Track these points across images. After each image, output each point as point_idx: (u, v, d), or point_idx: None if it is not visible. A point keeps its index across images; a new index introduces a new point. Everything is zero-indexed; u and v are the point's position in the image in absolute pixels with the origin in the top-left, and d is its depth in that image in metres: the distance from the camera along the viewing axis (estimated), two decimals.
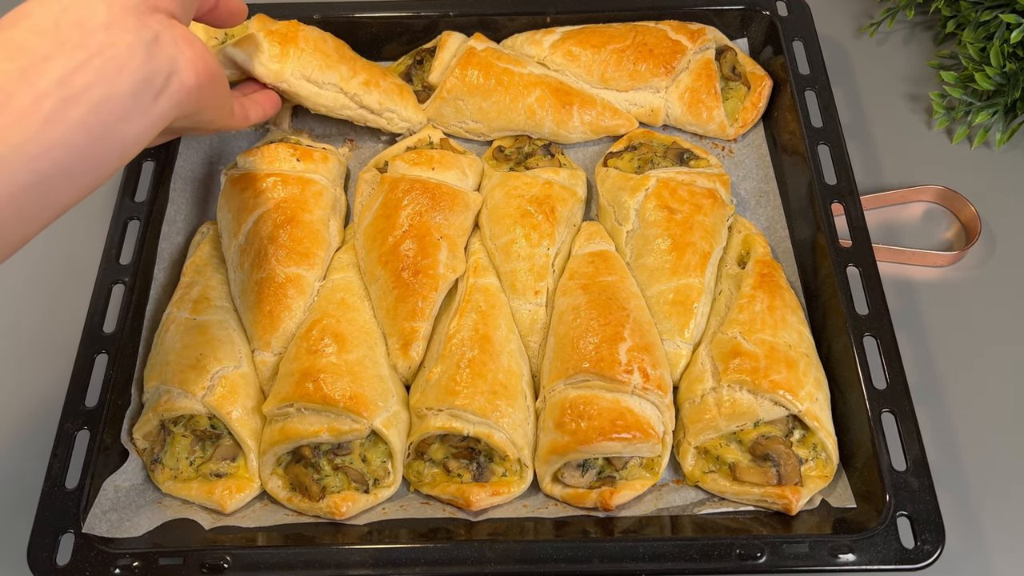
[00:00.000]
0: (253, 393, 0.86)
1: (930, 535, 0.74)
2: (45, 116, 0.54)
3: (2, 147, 0.53)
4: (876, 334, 0.84)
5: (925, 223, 1.04)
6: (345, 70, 0.98)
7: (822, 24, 1.08)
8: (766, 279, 0.88)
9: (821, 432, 0.80)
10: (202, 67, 0.64)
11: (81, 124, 0.56)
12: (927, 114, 1.13)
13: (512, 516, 0.81)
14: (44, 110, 0.54)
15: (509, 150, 1.04)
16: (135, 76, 0.58)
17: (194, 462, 0.84)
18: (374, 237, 0.92)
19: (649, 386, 0.81)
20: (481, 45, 1.05)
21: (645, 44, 1.04)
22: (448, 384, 0.82)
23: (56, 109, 0.54)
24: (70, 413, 0.82)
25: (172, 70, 0.61)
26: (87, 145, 0.56)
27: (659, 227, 0.92)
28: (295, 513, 0.82)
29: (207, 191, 1.03)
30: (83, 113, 0.56)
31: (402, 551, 0.75)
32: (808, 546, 0.74)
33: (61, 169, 0.56)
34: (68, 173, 0.56)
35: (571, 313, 0.87)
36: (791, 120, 0.99)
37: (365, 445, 0.83)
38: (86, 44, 0.56)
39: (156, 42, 0.60)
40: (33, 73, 0.54)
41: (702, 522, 0.80)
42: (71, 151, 0.56)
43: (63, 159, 0.55)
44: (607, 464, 0.82)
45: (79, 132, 0.56)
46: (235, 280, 0.92)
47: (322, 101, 0.97)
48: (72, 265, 1.01)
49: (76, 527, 0.76)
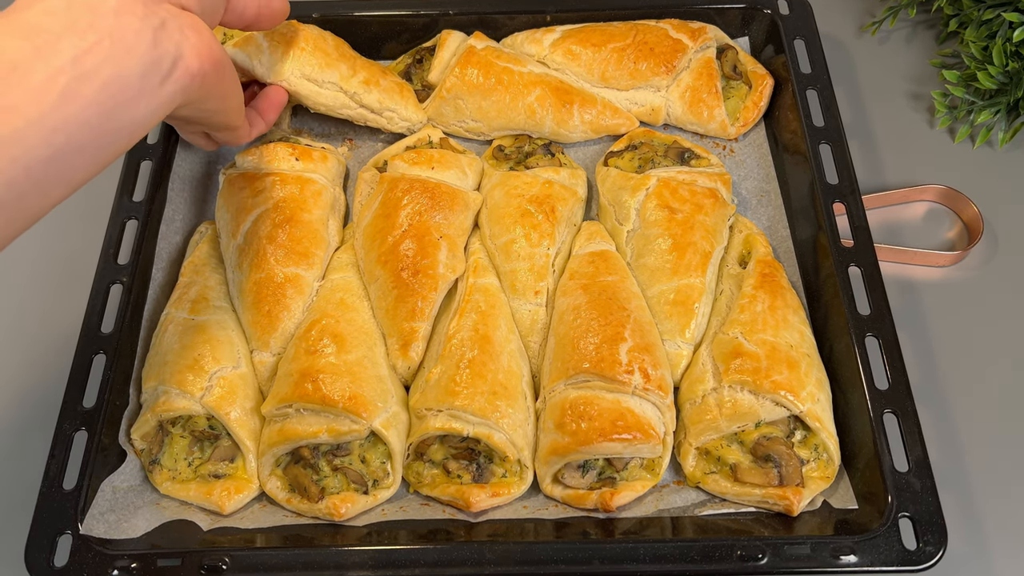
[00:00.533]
0: (252, 394, 0.85)
1: (932, 536, 0.73)
2: (60, 92, 0.56)
3: (20, 120, 0.54)
4: (878, 334, 0.83)
5: (927, 223, 1.04)
6: (345, 69, 0.98)
7: (823, 22, 1.07)
8: (767, 279, 0.88)
9: (823, 433, 0.80)
10: (206, 54, 0.66)
11: (94, 101, 0.58)
12: (929, 113, 1.12)
13: (512, 517, 0.81)
14: (59, 86, 0.56)
15: (509, 149, 1.03)
16: (143, 59, 0.60)
17: (192, 463, 0.83)
18: (373, 237, 0.92)
19: (650, 387, 0.81)
20: (481, 44, 1.05)
21: (646, 43, 1.04)
22: (448, 385, 0.82)
23: (70, 86, 0.56)
24: (68, 413, 0.81)
25: (178, 55, 0.63)
26: (99, 123, 0.59)
27: (660, 227, 0.92)
28: (294, 514, 0.82)
29: (205, 191, 1.03)
30: (95, 91, 0.58)
31: (401, 552, 0.75)
32: (810, 547, 0.74)
33: (75, 145, 0.58)
34: (81, 149, 0.58)
35: (571, 313, 0.86)
36: (792, 119, 0.99)
37: (364, 446, 0.82)
38: (96, 27, 0.58)
39: (163, 28, 0.62)
40: (47, 51, 0.56)
41: (703, 523, 0.80)
42: (84, 127, 0.58)
43: (77, 134, 0.57)
44: (608, 465, 0.82)
45: (92, 108, 0.58)
46: (233, 280, 0.92)
47: (322, 100, 0.97)
48: (70, 265, 1.01)
49: (74, 528, 0.76)
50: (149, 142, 0.99)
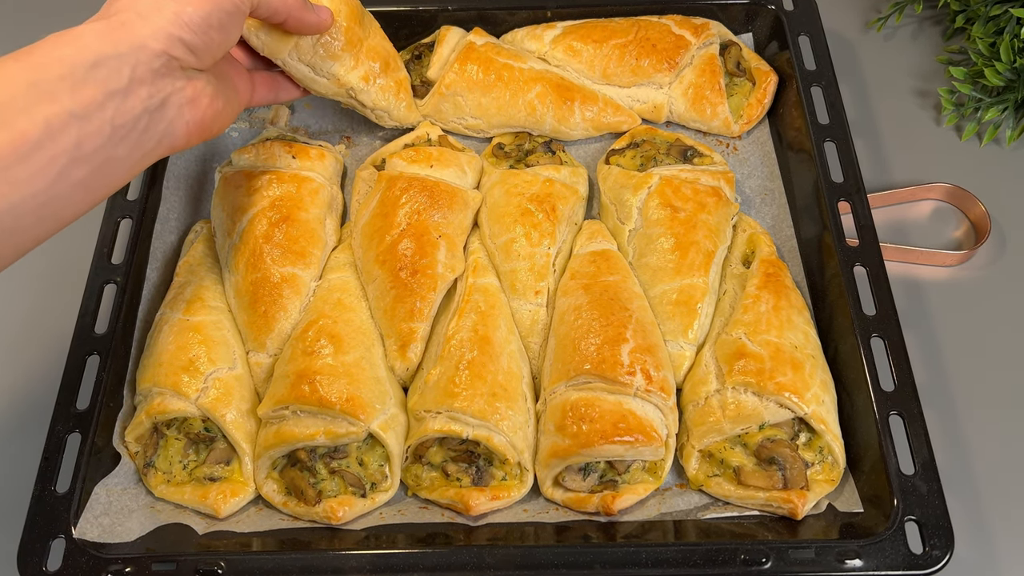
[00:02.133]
0: (248, 395, 0.85)
1: (939, 540, 0.73)
2: (56, 174, 0.61)
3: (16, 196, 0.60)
4: (884, 335, 0.83)
5: (933, 222, 1.03)
6: (348, 60, 0.94)
7: (828, 19, 1.07)
8: (771, 279, 0.87)
9: (827, 435, 0.79)
10: (196, 130, 0.72)
11: (81, 183, 0.64)
12: (936, 111, 1.12)
13: (512, 521, 0.81)
14: (56, 168, 0.61)
15: (509, 147, 1.02)
16: (133, 142, 0.66)
17: (187, 466, 0.83)
18: (371, 236, 0.91)
19: (652, 388, 0.80)
20: (480, 40, 1.04)
21: (648, 39, 1.03)
22: (447, 386, 0.81)
23: (66, 168, 0.62)
24: (61, 416, 0.81)
25: (166, 133, 0.69)
26: (81, 197, 0.65)
27: (662, 226, 0.91)
28: (290, 518, 0.81)
29: (201, 189, 1.02)
30: (85, 174, 0.64)
31: (400, 556, 0.74)
32: (814, 551, 0.73)
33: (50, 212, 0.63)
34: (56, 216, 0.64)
35: (572, 313, 0.86)
36: (797, 117, 0.98)
37: (362, 448, 0.82)
38: (104, 106, 0.63)
39: (161, 107, 0.68)
40: (56, 124, 0.61)
41: (706, 527, 0.79)
42: (65, 202, 0.64)
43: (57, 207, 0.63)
44: (609, 468, 0.81)
45: (78, 189, 0.64)
46: (229, 280, 0.91)
47: (317, 88, 0.94)
48: (63, 265, 1.00)
49: (67, 532, 0.75)
50: None
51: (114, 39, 0.64)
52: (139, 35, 0.65)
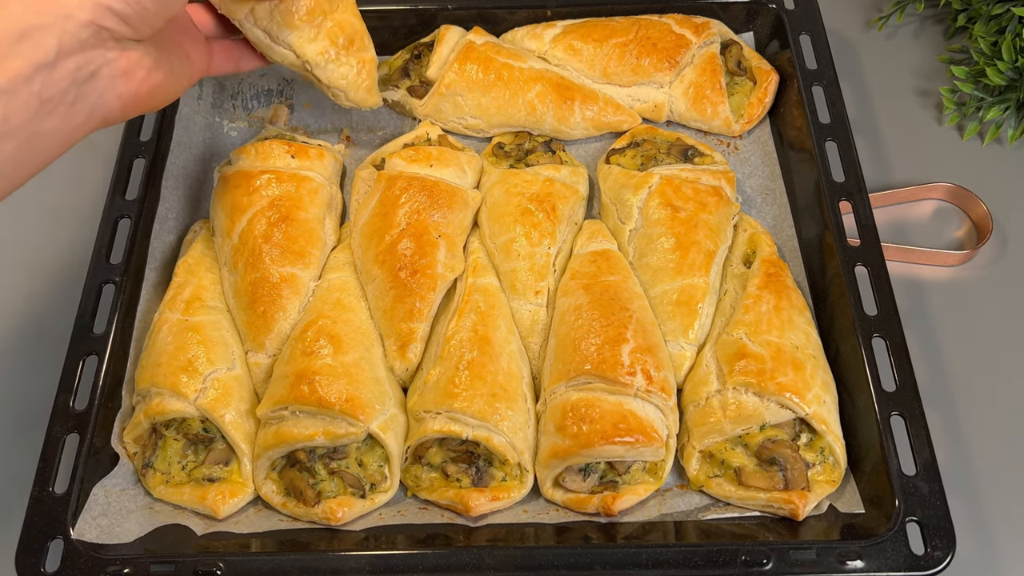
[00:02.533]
0: (247, 396, 0.84)
1: (940, 541, 0.73)
2: None
3: None
4: (885, 335, 0.82)
5: (935, 221, 1.03)
6: (307, 31, 0.88)
7: (829, 18, 1.06)
8: (772, 279, 0.87)
9: (829, 435, 0.79)
10: (131, 103, 0.69)
11: (11, 157, 0.62)
12: (937, 110, 1.11)
13: (512, 522, 0.80)
14: None
15: (509, 147, 1.02)
16: (62, 115, 0.64)
17: (186, 466, 0.82)
18: (371, 236, 0.91)
19: (652, 388, 0.80)
20: (480, 39, 1.04)
21: (648, 38, 1.03)
22: (447, 386, 0.81)
23: None
24: (59, 416, 0.80)
25: (96, 106, 0.67)
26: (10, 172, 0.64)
27: (663, 226, 0.90)
28: (290, 519, 0.81)
29: (200, 189, 1.02)
30: (12, 148, 0.62)
31: (399, 557, 0.74)
32: (815, 552, 0.73)
33: None
34: None
35: (572, 314, 0.85)
36: (798, 116, 0.98)
37: (361, 449, 0.81)
38: (31, 80, 0.61)
39: (91, 80, 0.65)
40: None
41: (707, 528, 0.79)
42: None
43: None
44: (609, 468, 0.81)
45: (8, 165, 0.63)
46: (228, 280, 0.91)
47: (274, 56, 0.89)
48: (61, 264, 1.00)
49: (65, 533, 0.75)
50: (142, 139, 0.97)
51: (39, 8, 0.61)
52: (65, 5, 0.62)
